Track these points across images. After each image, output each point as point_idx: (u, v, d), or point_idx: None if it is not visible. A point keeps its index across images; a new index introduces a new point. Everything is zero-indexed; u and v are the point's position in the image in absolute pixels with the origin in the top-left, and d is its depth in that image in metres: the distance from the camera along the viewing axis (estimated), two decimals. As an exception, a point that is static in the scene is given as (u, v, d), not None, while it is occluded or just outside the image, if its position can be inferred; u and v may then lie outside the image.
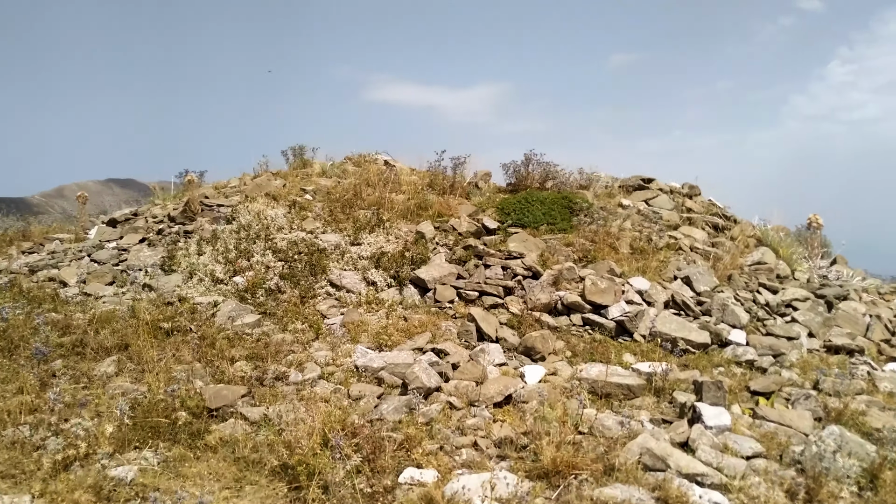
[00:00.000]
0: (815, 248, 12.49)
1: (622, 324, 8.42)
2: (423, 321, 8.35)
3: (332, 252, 9.83)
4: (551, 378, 7.31)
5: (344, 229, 10.46)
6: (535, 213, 10.89)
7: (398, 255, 9.40)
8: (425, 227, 10.46)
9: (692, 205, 13.86)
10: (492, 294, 9.02)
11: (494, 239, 10.43)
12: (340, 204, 11.53)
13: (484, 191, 12.97)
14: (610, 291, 8.77)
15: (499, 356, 7.66)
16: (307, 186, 12.92)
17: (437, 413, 6.32)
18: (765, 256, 11.39)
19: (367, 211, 10.98)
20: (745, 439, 5.98)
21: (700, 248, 11.20)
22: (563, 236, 10.54)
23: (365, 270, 9.35)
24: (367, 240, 9.98)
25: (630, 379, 7.04)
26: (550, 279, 9.29)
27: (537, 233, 10.72)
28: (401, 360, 7.21)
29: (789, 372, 7.75)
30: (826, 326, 9.19)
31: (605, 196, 13.71)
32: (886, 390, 7.52)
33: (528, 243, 10.34)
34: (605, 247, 10.28)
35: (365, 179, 12.49)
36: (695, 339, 8.15)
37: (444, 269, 9.37)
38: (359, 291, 9.03)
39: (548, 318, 8.60)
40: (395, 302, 8.92)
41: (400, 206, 11.41)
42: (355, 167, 14.74)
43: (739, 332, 8.37)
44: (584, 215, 10.82)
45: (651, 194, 13.78)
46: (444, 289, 9.01)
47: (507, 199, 11.38)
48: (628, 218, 11.60)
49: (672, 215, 12.82)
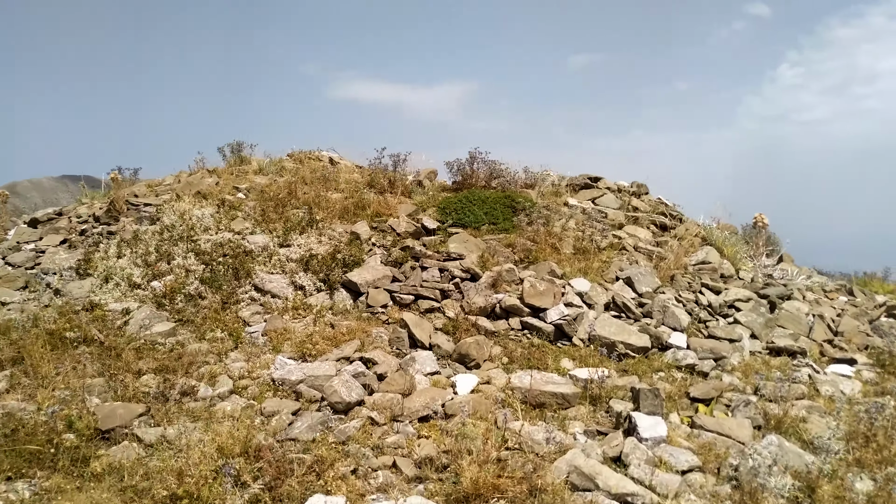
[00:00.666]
0: (761, 246, 12.40)
1: (561, 327, 8.06)
2: (352, 328, 7.85)
3: (259, 254, 9.24)
4: (484, 387, 6.90)
5: (274, 230, 9.86)
6: (477, 213, 10.48)
7: (329, 258, 8.86)
8: (361, 227, 9.95)
9: (639, 203, 13.66)
10: (428, 298, 8.57)
11: (434, 239, 9.97)
12: (274, 203, 10.92)
13: (427, 189, 12.51)
14: (549, 294, 8.40)
15: (431, 364, 7.21)
16: (241, 184, 12.25)
17: (355, 430, 5.84)
18: (709, 256, 11.21)
19: (301, 210, 10.40)
20: (682, 451, 5.66)
21: (644, 248, 10.95)
22: (505, 236, 10.16)
23: (293, 274, 8.79)
24: (297, 241, 9.41)
25: (565, 387, 6.67)
26: (489, 281, 8.88)
27: (478, 233, 10.31)
28: (321, 372, 6.69)
29: (730, 376, 7.51)
30: (769, 327, 9.01)
31: (552, 195, 13.40)
32: (827, 394, 7.34)
33: (469, 244, 9.92)
34: (547, 247, 9.93)
35: (301, 177, 11.90)
36: (634, 342, 7.84)
37: (378, 271, 8.87)
38: (285, 296, 8.47)
39: (485, 322, 8.19)
40: (325, 307, 8.38)
41: (337, 206, 10.86)
42: (296, 164, 14.12)
43: (680, 335, 8.10)
44: (526, 215, 10.46)
45: (598, 193, 13.53)
46: (377, 293, 8.52)
47: (449, 199, 10.94)
48: (572, 217, 11.29)
49: (617, 214, 12.57)
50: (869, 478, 5.46)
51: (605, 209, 12.80)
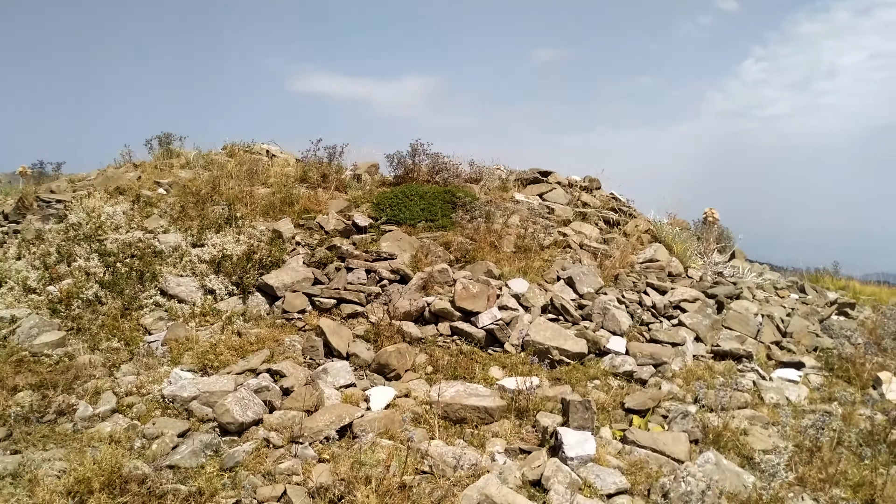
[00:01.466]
0: (711, 243, 12.03)
1: (493, 333, 7.48)
2: (262, 336, 7.14)
3: (169, 255, 8.46)
4: (402, 401, 6.27)
5: (189, 228, 9.08)
6: (413, 209, 9.84)
7: (244, 258, 8.13)
8: (283, 224, 9.22)
9: (589, 199, 13.18)
10: (351, 301, 7.90)
11: (365, 238, 9.31)
12: (195, 199, 10.12)
13: (366, 184, 11.83)
14: (482, 296, 7.81)
15: (345, 376, 6.55)
16: (164, 179, 11.41)
17: (246, 455, 5.16)
18: (657, 253, 10.77)
19: (220, 207, 9.63)
20: (610, 472, 5.11)
21: (590, 246, 10.45)
22: (443, 234, 9.55)
23: (203, 276, 8.03)
24: (211, 240, 8.64)
25: (489, 400, 6.08)
26: (420, 283, 8.26)
27: (414, 231, 9.68)
28: (218, 388, 5.99)
29: (670, 384, 7.02)
30: (714, 329, 8.58)
31: (499, 190, 12.84)
32: (772, 402, 6.90)
33: (403, 242, 9.28)
34: (486, 246, 9.34)
35: (229, 171, 11.11)
36: (570, 348, 7.30)
37: (298, 273, 8.17)
38: (193, 301, 7.71)
39: (412, 327, 7.56)
40: (236, 313, 7.65)
41: (262, 202, 10.12)
42: (229, 158, 13.30)
43: (619, 340, 7.59)
44: (466, 211, 9.86)
45: (546, 188, 13.02)
46: (295, 297, 7.82)
47: (385, 194, 10.28)
48: (515, 214, 10.73)
49: (565, 210, 12.07)
50: (811, 499, 5.00)
51: (552, 205, 12.28)
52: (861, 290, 16.29)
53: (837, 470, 5.18)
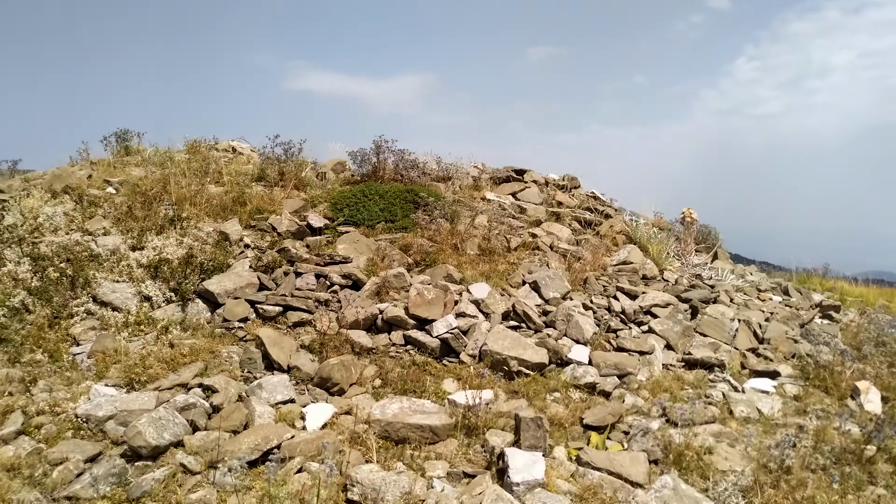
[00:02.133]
0: (690, 244, 11.60)
1: (448, 342, 7.00)
2: (198, 347, 6.63)
3: (106, 259, 7.92)
4: (342, 419, 5.78)
5: (131, 230, 8.55)
6: (372, 209, 9.34)
7: (184, 262, 7.60)
8: (231, 226, 8.70)
9: (565, 198, 12.73)
10: (298, 309, 7.40)
11: (320, 240, 8.80)
12: (145, 198, 9.58)
13: (329, 182, 11.32)
14: (438, 303, 7.33)
15: (283, 391, 6.05)
16: (116, 177, 10.86)
17: (156, 483, 4.65)
18: (631, 255, 10.33)
19: (167, 207, 9.09)
20: (559, 499, 4.65)
21: (561, 248, 9.99)
22: (403, 236, 9.06)
23: (141, 282, 7.51)
24: (153, 243, 8.11)
25: (435, 417, 5.60)
26: (373, 289, 7.77)
27: (373, 232, 9.19)
28: (137, 406, 5.48)
29: (634, 396, 6.56)
30: (686, 336, 8.13)
31: (470, 189, 12.37)
32: (742, 415, 6.46)
33: (360, 245, 8.78)
34: (448, 248, 8.86)
35: (183, 169, 10.57)
36: (529, 358, 6.83)
37: (242, 278, 7.65)
38: (128, 309, 7.19)
39: (363, 337, 7.08)
40: (174, 322, 7.13)
41: (214, 201, 9.59)
42: (190, 155, 12.75)
43: (582, 349, 7.13)
44: (427, 212, 9.37)
45: (520, 187, 12.56)
46: (236, 304, 7.31)
47: (343, 193, 9.78)
48: (484, 213, 10.25)
49: (538, 210, 11.61)
50: (776, 529, 4.55)
51: (525, 204, 11.82)
52: (849, 291, 15.92)
53: (804, 495, 4.73)
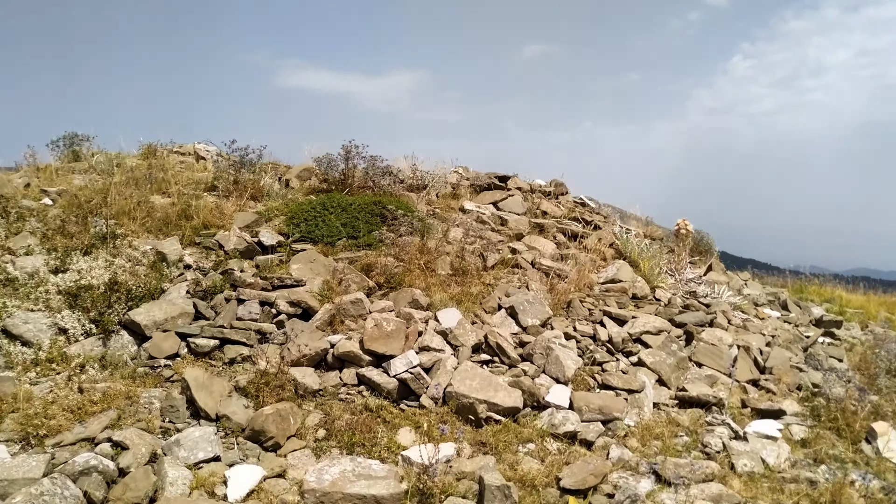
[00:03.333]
0: (684, 258, 10.73)
1: (407, 383, 6.08)
2: (113, 392, 5.67)
3: (23, 283, 6.96)
4: (271, 485, 4.85)
5: (56, 249, 7.58)
6: (332, 224, 8.40)
7: (108, 288, 6.64)
8: (170, 244, 7.74)
9: (550, 207, 11.84)
10: (238, 342, 6.46)
11: (272, 260, 7.86)
12: (81, 212, 8.61)
13: (291, 192, 10.36)
14: (398, 335, 6.41)
15: (206, 448, 5.11)
16: (55, 187, 9.88)
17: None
18: (620, 272, 9.44)
19: (103, 221, 8.12)
20: None
21: (543, 264, 9.08)
22: (366, 254, 8.13)
23: (58, 311, 6.55)
24: (78, 265, 7.15)
25: (381, 485, 4.67)
26: (326, 318, 6.84)
27: (332, 250, 8.25)
28: (21, 474, 4.51)
29: (621, 448, 5.66)
30: (681, 369, 7.25)
31: (448, 198, 11.46)
32: (745, 469, 5.56)
33: (317, 265, 7.85)
34: (416, 268, 7.94)
35: (127, 178, 9.61)
36: (501, 401, 5.92)
37: (175, 307, 6.71)
38: (39, 343, 6.23)
39: (309, 376, 6.15)
40: (92, 358, 6.18)
41: (158, 214, 8.63)
42: (144, 161, 11.79)
43: (562, 390, 6.22)
44: (392, 229, 8.43)
45: (501, 195, 11.65)
46: (165, 338, 6.35)
47: (301, 206, 8.83)
48: (459, 226, 9.33)
49: (521, 221, 10.70)
50: None
51: (507, 215, 10.92)
52: (847, 301, 15.15)
53: None
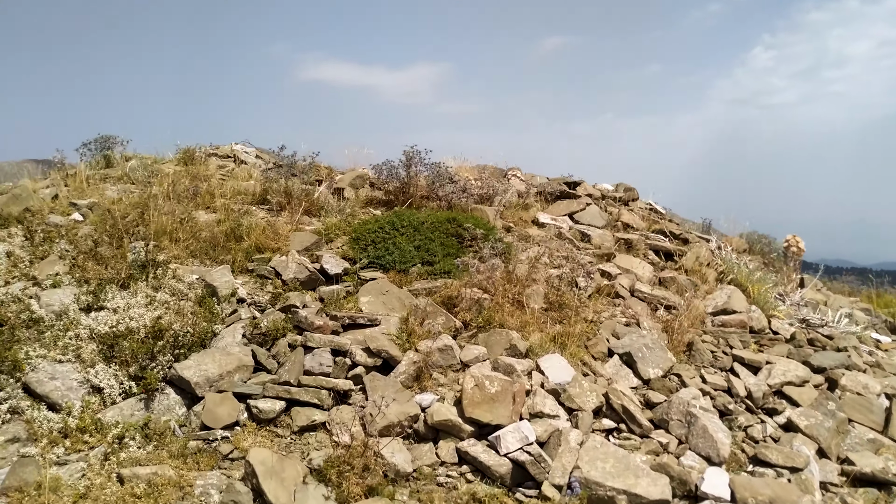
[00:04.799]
0: (793, 280, 9.35)
1: (524, 466, 4.85)
2: (160, 480, 4.51)
3: (50, 325, 5.84)
4: None
5: (88, 280, 6.45)
6: (405, 248, 7.17)
7: (152, 334, 5.49)
8: (220, 275, 6.56)
9: (630, 217, 10.51)
10: (309, 404, 5.29)
11: (338, 291, 6.67)
12: (115, 231, 7.50)
13: (349, 204, 9.15)
14: (504, 397, 5.19)
15: (283, 564, 3.95)
16: (85, 199, 8.79)
17: None
18: (732, 300, 8.09)
19: (141, 245, 6.99)
20: None
21: (645, 293, 7.79)
22: (445, 284, 6.90)
23: (91, 364, 5.42)
24: (114, 301, 6.02)
25: None
26: (412, 370, 5.63)
27: (406, 278, 7.03)
28: None
29: (810, 562, 4.39)
30: (840, 433, 5.92)
31: (517, 209, 10.19)
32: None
33: (390, 298, 6.64)
34: (505, 301, 6.70)
35: (167, 190, 8.47)
36: (646, 492, 4.65)
37: (230, 358, 5.54)
38: (69, 407, 5.10)
39: (400, 454, 4.94)
40: (133, 427, 5.04)
41: (203, 234, 7.48)
42: (183, 167, 10.67)
43: (718, 475, 4.93)
44: (475, 251, 7.19)
45: (577, 205, 10.35)
46: (220, 401, 5.18)
47: (366, 224, 7.61)
48: (542, 245, 8.06)
49: (605, 237, 9.40)
50: None
51: (587, 229, 9.62)
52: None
53: None
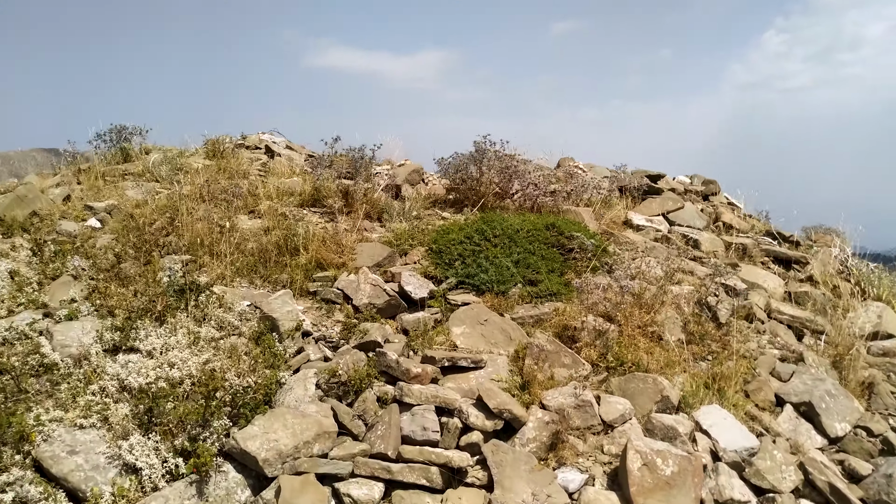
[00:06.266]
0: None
1: (728, 585, 3.49)
2: None
3: (66, 374, 4.49)
4: None
5: (112, 309, 5.09)
6: (500, 264, 5.76)
7: (202, 388, 4.12)
8: (280, 303, 5.16)
9: (730, 218, 9.08)
10: (415, 486, 3.93)
11: (425, 321, 5.27)
12: (139, 241, 6.15)
13: (411, 205, 7.74)
14: (684, 481, 3.82)
15: None
16: (102, 200, 7.44)
17: None
18: (885, 321, 6.66)
19: (177, 258, 5.63)
20: None
21: (786, 314, 6.38)
22: (554, 308, 5.51)
23: (123, 434, 4.06)
24: (148, 341, 4.65)
25: None
26: (544, 436, 4.26)
27: (506, 302, 5.62)
28: None
29: None
30: None
31: (600, 206, 8.76)
32: None
33: (490, 329, 5.25)
34: (637, 332, 5.30)
35: (201, 188, 7.09)
36: None
37: (307, 422, 4.17)
38: (96, 496, 3.76)
39: (545, 556, 3.59)
40: (182, 523, 3.70)
41: (249, 245, 6.11)
42: (211, 160, 9.30)
43: None
44: (583, 264, 5.79)
45: (672, 203, 8.91)
46: (301, 487, 3.81)
47: (448, 231, 6.21)
48: (649, 255, 6.66)
49: (713, 242, 7.98)
50: None
51: (689, 232, 8.20)
52: None
53: None
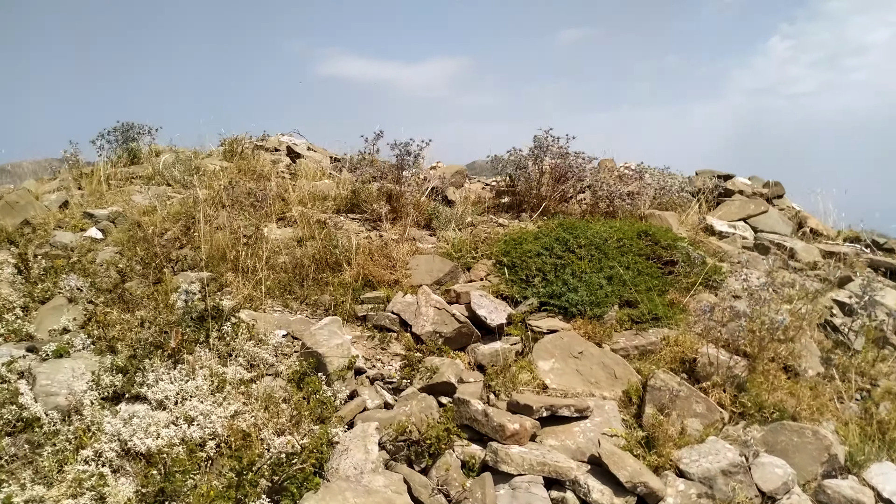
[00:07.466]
0: None
1: None
2: None
3: (52, 433, 3.43)
4: None
5: (112, 343, 4.02)
6: (593, 280, 4.67)
7: (232, 465, 3.04)
8: (327, 334, 4.07)
9: (816, 223, 8.01)
10: None
11: (504, 353, 4.20)
12: (147, 255, 5.10)
13: (464, 212, 6.64)
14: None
15: None
16: (105, 207, 6.41)
17: None
18: None
19: (196, 275, 4.58)
20: None
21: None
22: (666, 339, 4.42)
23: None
24: (158, 386, 3.58)
25: None
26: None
27: (602, 328, 4.53)
28: None
29: None
30: None
31: (675, 209, 7.68)
32: None
33: (587, 364, 4.17)
34: (771, 366, 4.21)
35: (215, 195, 6.05)
36: None
37: (372, 500, 3.07)
38: None
39: None
40: None
41: (280, 259, 5.05)
42: (230, 162, 8.27)
43: None
44: (684, 276, 4.71)
45: (753, 207, 7.82)
46: None
47: (518, 242, 5.13)
48: (749, 268, 5.57)
49: (809, 252, 6.89)
50: None
51: (779, 239, 7.12)
52: None
53: None
